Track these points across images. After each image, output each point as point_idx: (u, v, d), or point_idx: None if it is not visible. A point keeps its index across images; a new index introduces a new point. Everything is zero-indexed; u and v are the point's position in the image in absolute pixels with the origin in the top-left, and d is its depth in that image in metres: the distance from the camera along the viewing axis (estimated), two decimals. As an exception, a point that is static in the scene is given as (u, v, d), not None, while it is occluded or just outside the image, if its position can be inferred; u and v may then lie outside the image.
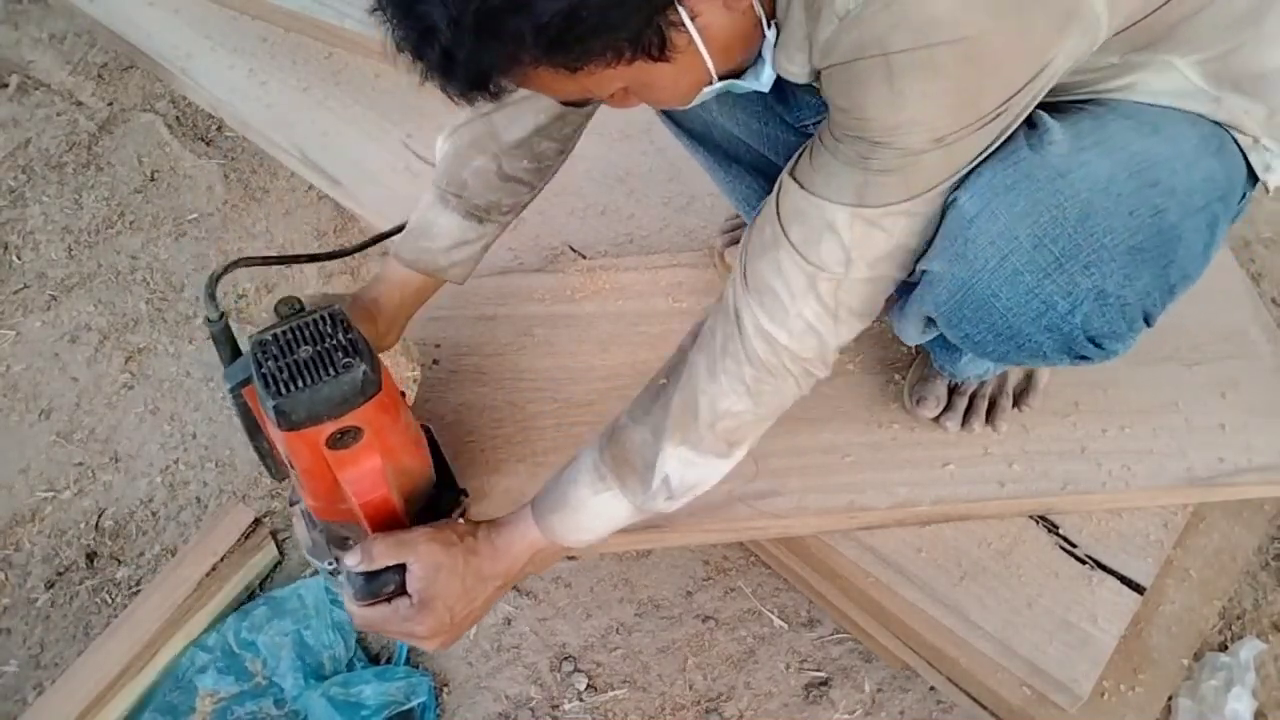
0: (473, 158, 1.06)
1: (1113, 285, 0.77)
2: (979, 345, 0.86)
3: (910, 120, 0.70)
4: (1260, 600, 1.27)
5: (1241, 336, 1.28)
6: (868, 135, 0.73)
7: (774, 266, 0.82)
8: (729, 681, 1.24)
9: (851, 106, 0.72)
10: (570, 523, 0.94)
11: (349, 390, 0.83)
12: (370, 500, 0.91)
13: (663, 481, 0.90)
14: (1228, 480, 1.15)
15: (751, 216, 1.26)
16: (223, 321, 0.95)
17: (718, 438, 0.89)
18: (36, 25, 2.10)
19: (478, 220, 1.10)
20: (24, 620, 1.32)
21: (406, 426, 0.93)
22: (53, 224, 1.76)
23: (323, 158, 1.72)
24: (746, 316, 0.84)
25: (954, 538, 1.15)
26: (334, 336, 0.85)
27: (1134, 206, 0.76)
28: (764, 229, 0.84)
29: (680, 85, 0.76)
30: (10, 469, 1.46)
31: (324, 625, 1.24)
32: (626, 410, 0.94)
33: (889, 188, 0.76)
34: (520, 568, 0.96)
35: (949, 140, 0.72)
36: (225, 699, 1.21)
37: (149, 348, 1.59)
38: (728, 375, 0.86)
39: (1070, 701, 1.04)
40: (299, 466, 0.88)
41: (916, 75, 0.68)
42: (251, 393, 0.90)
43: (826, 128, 0.78)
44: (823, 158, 0.78)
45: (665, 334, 1.33)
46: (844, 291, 0.82)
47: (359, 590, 0.93)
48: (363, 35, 1.83)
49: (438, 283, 1.15)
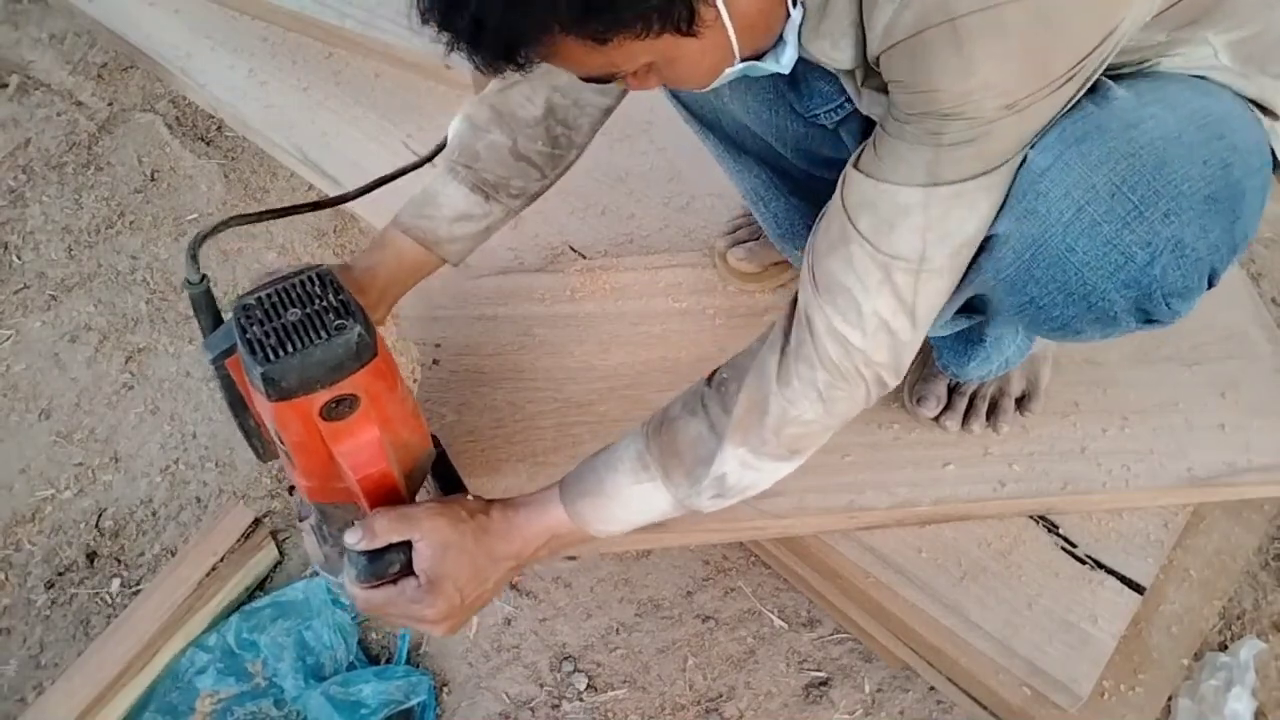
0: (489, 130, 1.06)
1: (1190, 235, 0.75)
2: (1043, 310, 0.83)
3: (981, 85, 0.68)
4: (1260, 600, 1.27)
5: (1241, 336, 1.28)
6: (937, 108, 0.70)
7: (845, 263, 0.79)
8: (729, 681, 1.24)
9: (919, 81, 0.70)
10: (603, 510, 0.91)
11: (343, 354, 0.77)
12: (369, 475, 0.84)
13: (716, 480, 0.88)
14: (1228, 480, 1.15)
15: (761, 210, 1.26)
16: (204, 285, 0.89)
17: (781, 443, 0.86)
18: (36, 25, 2.10)
19: (484, 196, 1.09)
20: (24, 620, 1.32)
21: (404, 396, 0.86)
22: (53, 224, 1.76)
23: (323, 158, 1.72)
24: (818, 318, 0.82)
25: (954, 538, 1.15)
26: (324, 298, 0.78)
27: (1206, 156, 0.75)
28: (830, 226, 0.81)
29: (704, 63, 0.75)
30: (10, 469, 1.46)
31: (325, 626, 1.24)
32: (679, 402, 0.92)
33: (963, 161, 0.74)
34: (534, 550, 0.93)
35: (1021, 105, 0.70)
36: (225, 699, 1.20)
37: (149, 348, 1.59)
38: (800, 380, 0.83)
39: (1070, 701, 1.04)
40: (290, 441, 0.81)
41: (985, 37, 0.66)
42: (235, 363, 0.84)
43: (889, 115, 0.76)
44: (888, 144, 0.76)
45: (665, 334, 1.33)
46: (921, 282, 0.79)
47: (361, 571, 0.86)
48: (363, 35, 1.83)
49: (434, 262, 1.12)
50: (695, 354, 1.30)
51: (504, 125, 1.06)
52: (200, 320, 0.91)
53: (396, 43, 1.80)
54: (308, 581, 1.29)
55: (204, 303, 0.90)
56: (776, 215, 1.24)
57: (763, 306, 1.35)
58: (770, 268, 1.36)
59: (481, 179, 1.08)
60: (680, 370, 1.29)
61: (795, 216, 1.23)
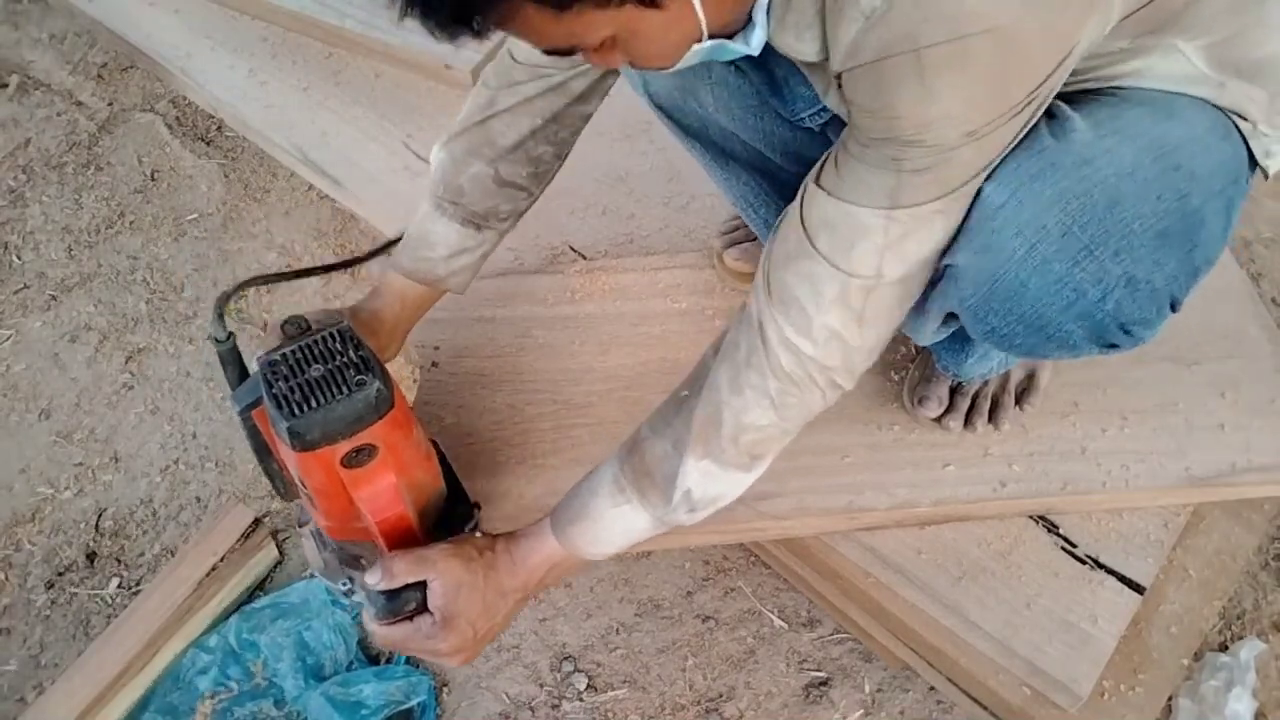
0: (469, 164, 1.06)
1: (1142, 271, 0.76)
2: (1006, 338, 0.85)
3: (942, 115, 0.69)
4: (1260, 600, 1.27)
5: (1241, 336, 1.28)
6: (898, 135, 0.71)
7: (801, 276, 0.81)
8: (729, 681, 1.24)
9: (881, 107, 0.71)
10: (589, 535, 0.94)
11: (363, 408, 0.82)
12: (386, 518, 0.90)
13: (684, 495, 0.89)
14: (1227, 480, 1.15)
15: (751, 216, 1.26)
16: (230, 342, 0.94)
17: (740, 451, 0.88)
18: (36, 25, 2.10)
19: (475, 228, 1.09)
20: (24, 620, 1.32)
21: (418, 441, 0.92)
22: (53, 224, 1.76)
23: (323, 158, 1.72)
24: (770, 328, 0.83)
25: (954, 538, 1.15)
26: (344, 354, 0.84)
27: (1160, 191, 0.76)
28: (788, 238, 0.82)
29: (669, 38, 0.74)
30: (10, 469, 1.46)
31: (325, 626, 1.24)
32: (647, 422, 0.93)
33: (922, 187, 0.75)
34: (539, 580, 0.96)
35: (981, 133, 0.71)
36: (225, 699, 1.21)
37: (149, 348, 1.59)
38: (752, 389, 0.85)
39: (1070, 701, 1.04)
40: (312, 487, 0.87)
41: (949, 68, 0.66)
42: (261, 414, 0.88)
43: (851, 134, 0.77)
44: (850, 164, 0.77)
45: (665, 335, 1.33)
46: (874, 296, 0.80)
47: (380, 610, 0.92)
48: (363, 35, 1.83)
49: (438, 293, 1.14)
50: (694, 355, 1.28)
51: (483, 156, 1.06)
52: (227, 374, 0.95)
53: (396, 43, 1.80)
54: (307, 582, 1.29)
55: (230, 358, 0.95)
56: (766, 220, 1.24)
57: (762, 306, 1.35)
58: None
59: (470, 212, 1.08)
60: (679, 371, 1.27)
61: None
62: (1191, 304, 0.86)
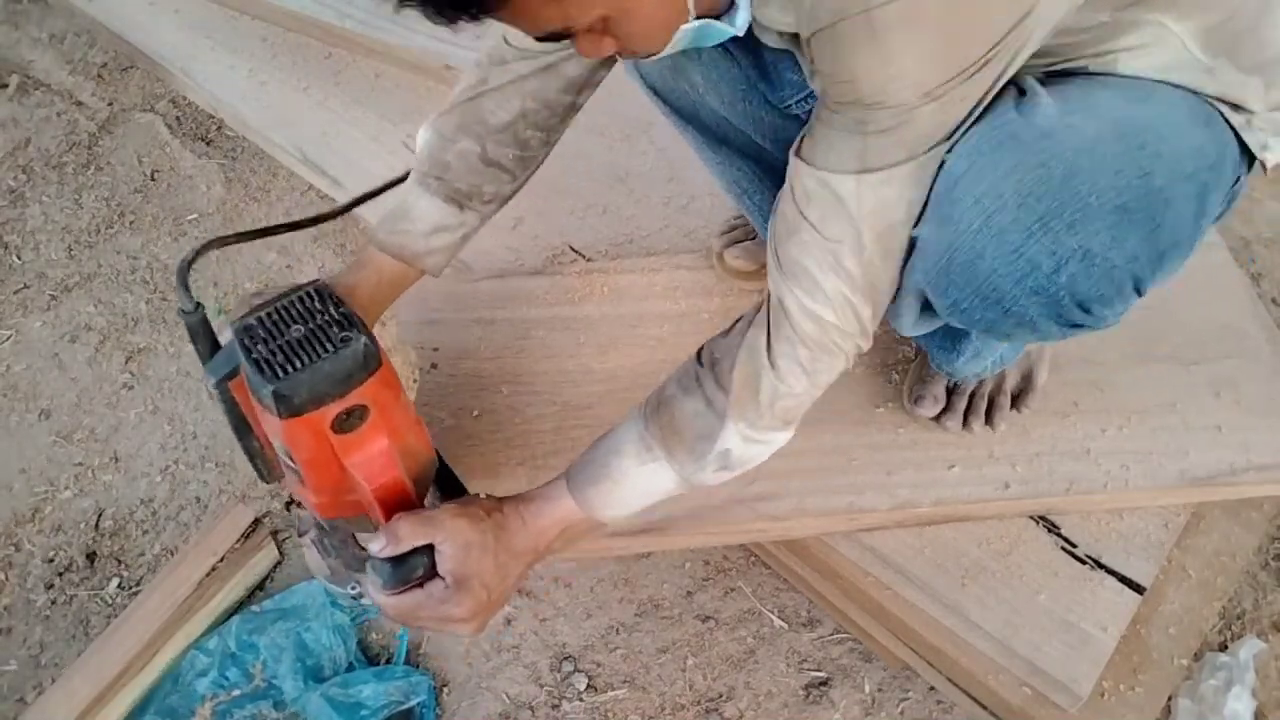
0: (457, 140, 1.06)
1: (1098, 245, 0.76)
2: (966, 314, 0.85)
3: (898, 74, 0.70)
4: (1260, 600, 1.27)
5: (1240, 336, 1.28)
6: (860, 98, 0.72)
7: (801, 247, 0.82)
8: (729, 681, 1.24)
9: (839, 70, 0.72)
10: (611, 495, 0.92)
11: (352, 365, 0.77)
12: (383, 484, 0.85)
13: (720, 455, 0.89)
14: (1227, 480, 1.15)
15: (746, 203, 1.26)
16: (199, 312, 0.89)
17: (775, 415, 0.89)
18: (36, 25, 2.10)
19: (458, 206, 1.08)
20: (24, 620, 1.32)
21: (407, 404, 0.87)
22: (53, 224, 1.76)
23: (323, 158, 1.72)
24: (789, 300, 0.84)
25: (954, 538, 1.15)
26: (325, 311, 0.79)
27: (1120, 166, 0.75)
28: (785, 212, 0.84)
29: (657, 19, 0.75)
30: (10, 469, 1.46)
31: (324, 627, 1.24)
32: (673, 381, 0.93)
33: (888, 149, 0.76)
34: (548, 542, 0.94)
35: (939, 93, 0.72)
36: (225, 702, 1.20)
37: (149, 348, 1.59)
38: (785, 358, 0.86)
39: (1070, 701, 1.04)
40: (300, 459, 0.81)
41: (900, 28, 0.67)
42: (239, 385, 0.83)
43: (821, 101, 0.77)
44: (821, 130, 0.78)
45: (664, 336, 1.33)
46: (867, 262, 0.81)
47: (387, 578, 0.86)
48: (363, 35, 1.83)
49: (414, 274, 1.12)
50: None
51: (472, 133, 1.06)
52: (198, 346, 0.90)
53: (396, 43, 1.80)
54: (307, 584, 1.29)
55: (201, 329, 0.89)
56: (760, 207, 1.24)
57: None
58: (766, 267, 1.35)
59: (454, 189, 1.07)
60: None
61: None
62: (1189, 303, 0.87)
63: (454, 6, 0.67)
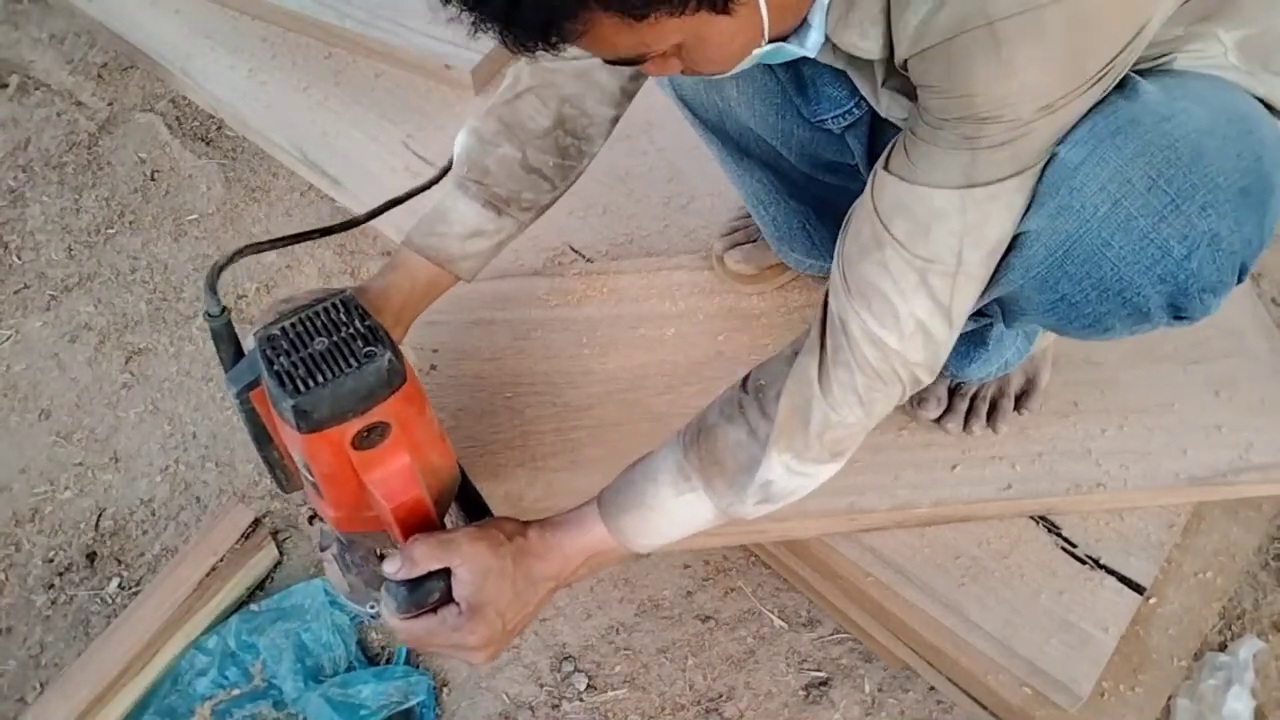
0: (498, 144, 1.05)
1: (1225, 229, 0.74)
2: (1075, 307, 0.83)
3: (1019, 88, 0.68)
4: (1260, 600, 1.27)
5: (1239, 335, 1.28)
6: (974, 112, 0.70)
7: (879, 267, 0.79)
8: (729, 681, 1.24)
9: (954, 85, 0.70)
10: (645, 524, 0.90)
11: (374, 381, 0.75)
12: (402, 503, 0.83)
13: (762, 486, 0.86)
14: (1226, 480, 1.16)
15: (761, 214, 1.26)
16: (224, 317, 0.87)
17: (824, 447, 0.85)
18: (36, 25, 2.10)
19: (496, 211, 1.08)
20: (24, 620, 1.32)
21: (431, 419, 0.85)
22: (53, 224, 1.76)
23: (323, 158, 1.72)
24: (853, 323, 0.81)
25: (954, 538, 1.15)
26: (350, 324, 0.77)
27: (1240, 150, 0.75)
28: (861, 230, 0.80)
29: (734, 44, 0.75)
30: (10, 469, 1.46)
31: (324, 627, 1.24)
32: (715, 408, 0.90)
33: (999, 164, 0.74)
34: (573, 569, 0.91)
35: (1057, 106, 0.70)
36: (224, 701, 1.20)
37: (149, 348, 1.59)
38: (840, 385, 0.83)
39: (1070, 701, 1.04)
40: (319, 473, 0.80)
41: (1024, 40, 0.66)
42: (260, 396, 0.82)
43: (920, 118, 0.75)
44: (921, 147, 0.75)
45: (664, 337, 1.33)
46: (957, 284, 0.79)
47: (401, 602, 0.84)
48: (363, 35, 1.83)
49: (448, 279, 1.11)
50: (694, 357, 1.30)
51: (513, 138, 1.05)
52: (221, 352, 0.89)
53: (396, 43, 1.80)
54: (306, 584, 1.29)
55: (225, 334, 0.88)
56: (775, 219, 1.24)
57: (761, 309, 1.35)
58: (768, 270, 1.35)
59: (493, 194, 1.07)
60: (679, 373, 1.29)
61: (794, 220, 1.23)
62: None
63: (536, 37, 0.66)
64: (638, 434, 1.23)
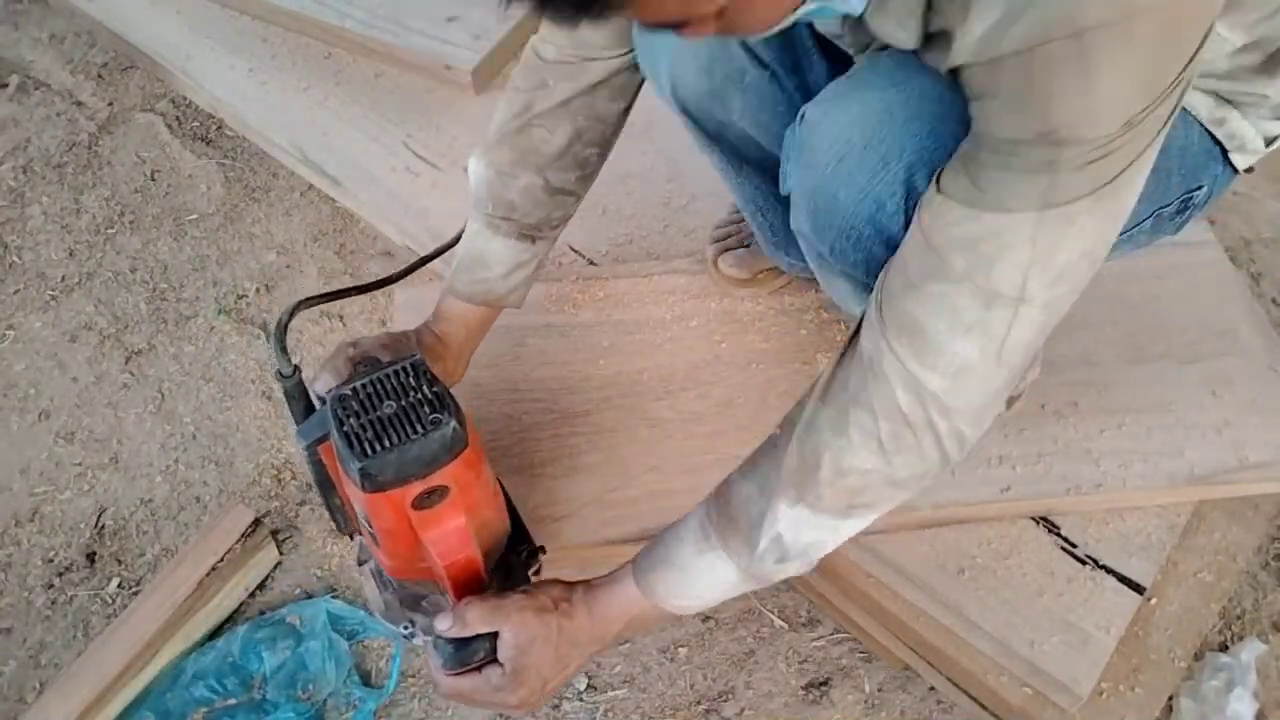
0: (518, 175, 1.04)
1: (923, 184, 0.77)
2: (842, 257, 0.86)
3: (1104, 102, 0.64)
4: (1260, 600, 1.27)
5: (1234, 334, 1.28)
6: (1052, 127, 0.65)
7: (930, 299, 0.73)
8: (729, 681, 1.24)
9: (1032, 99, 0.65)
10: (673, 583, 0.87)
11: (438, 449, 0.78)
12: (455, 561, 0.86)
13: (773, 541, 0.82)
14: (1224, 478, 1.16)
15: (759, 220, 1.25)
16: (296, 376, 0.91)
17: (837, 494, 0.79)
18: (36, 25, 2.10)
19: (530, 240, 1.08)
20: (24, 620, 1.32)
21: (488, 479, 0.89)
22: (53, 224, 1.76)
23: (323, 158, 1.72)
24: (888, 362, 0.75)
25: (955, 538, 1.16)
26: (418, 389, 0.80)
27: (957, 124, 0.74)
28: (907, 264, 0.75)
29: (777, 3, 0.71)
30: (10, 469, 1.46)
31: (321, 646, 1.23)
32: (739, 467, 0.87)
33: (1075, 182, 0.68)
34: (615, 633, 0.91)
35: (1137, 121, 0.65)
36: (218, 709, 1.20)
37: (149, 348, 1.59)
38: (858, 429, 0.76)
39: (1070, 701, 1.05)
40: (379, 527, 0.84)
41: (1112, 51, 0.61)
42: (328, 449, 0.85)
43: (983, 135, 0.70)
44: (989, 171, 0.69)
45: (660, 342, 1.33)
46: (1018, 318, 0.72)
47: (449, 659, 0.88)
48: (363, 35, 1.83)
49: (496, 312, 1.13)
50: (690, 361, 1.31)
51: (530, 165, 1.04)
52: (292, 408, 0.93)
53: (396, 43, 1.80)
54: (311, 602, 1.28)
55: (297, 393, 0.92)
56: (773, 225, 1.23)
57: (757, 313, 1.35)
58: (761, 274, 1.36)
59: (524, 225, 1.06)
60: (676, 378, 1.29)
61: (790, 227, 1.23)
62: (1184, 302, 0.87)
63: (580, 8, 0.63)
64: (635, 439, 1.23)
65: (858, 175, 0.79)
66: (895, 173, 0.79)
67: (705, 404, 1.27)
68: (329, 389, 0.90)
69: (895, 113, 0.78)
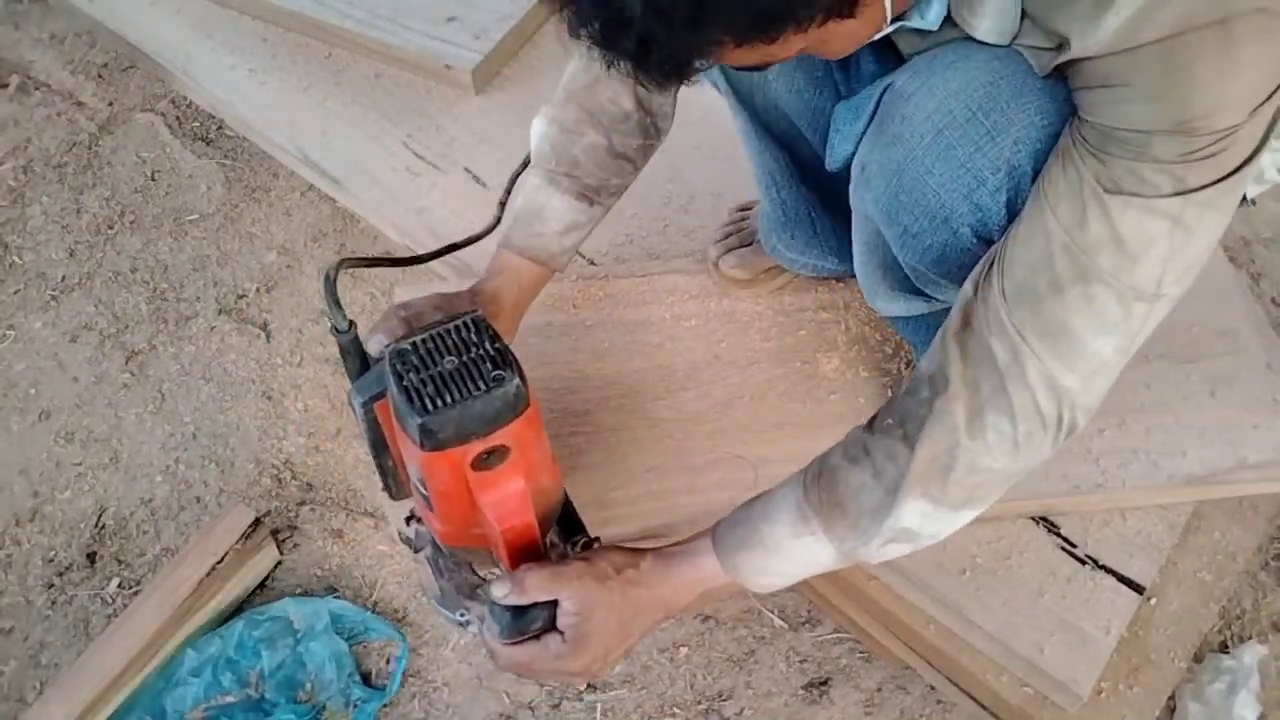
0: (583, 133, 1.04)
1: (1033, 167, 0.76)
2: (916, 239, 0.84)
3: (1239, 90, 0.64)
4: (1260, 600, 1.27)
5: (1234, 334, 1.28)
6: (1186, 116, 0.65)
7: (1076, 301, 0.73)
8: (729, 681, 1.24)
9: (1168, 88, 0.65)
10: (761, 563, 0.87)
11: (501, 406, 0.75)
12: (512, 526, 0.83)
13: (893, 531, 0.82)
14: (1224, 478, 1.16)
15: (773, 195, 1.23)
16: (351, 331, 0.87)
17: (963, 491, 0.81)
18: (36, 25, 2.10)
19: (588, 202, 1.07)
20: (24, 620, 1.32)
21: (546, 444, 0.85)
22: (53, 224, 1.76)
23: (323, 158, 1.72)
24: (1032, 368, 0.75)
25: (954, 538, 1.15)
26: (480, 345, 0.76)
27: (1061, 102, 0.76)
28: (1037, 271, 0.74)
29: (858, 36, 0.74)
30: (10, 469, 1.46)
31: (322, 646, 1.23)
32: (838, 449, 0.86)
33: (1206, 173, 0.69)
34: (685, 603, 0.89)
35: (1262, 110, 0.66)
36: (215, 707, 1.20)
37: (149, 348, 1.59)
38: (996, 432, 0.77)
39: (1070, 701, 1.05)
40: (434, 489, 0.80)
41: (1256, 39, 0.62)
42: (384, 408, 0.82)
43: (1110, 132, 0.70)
44: (1120, 167, 0.70)
45: (661, 342, 1.33)
46: (1153, 312, 0.74)
47: (505, 627, 0.85)
48: (363, 35, 1.83)
49: (548, 275, 1.11)
50: (691, 361, 1.31)
51: (597, 125, 1.04)
52: (347, 364, 0.90)
53: (396, 43, 1.80)
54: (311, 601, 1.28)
55: (353, 348, 0.89)
56: (785, 203, 1.23)
57: (757, 313, 1.35)
58: (762, 274, 1.35)
59: (584, 185, 1.05)
60: (676, 378, 1.29)
61: (801, 207, 1.22)
62: (1184, 302, 0.86)
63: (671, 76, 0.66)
64: (636, 439, 1.23)
65: (958, 149, 0.76)
66: (1002, 147, 0.76)
67: (705, 404, 1.27)
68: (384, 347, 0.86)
69: (1002, 86, 0.75)
